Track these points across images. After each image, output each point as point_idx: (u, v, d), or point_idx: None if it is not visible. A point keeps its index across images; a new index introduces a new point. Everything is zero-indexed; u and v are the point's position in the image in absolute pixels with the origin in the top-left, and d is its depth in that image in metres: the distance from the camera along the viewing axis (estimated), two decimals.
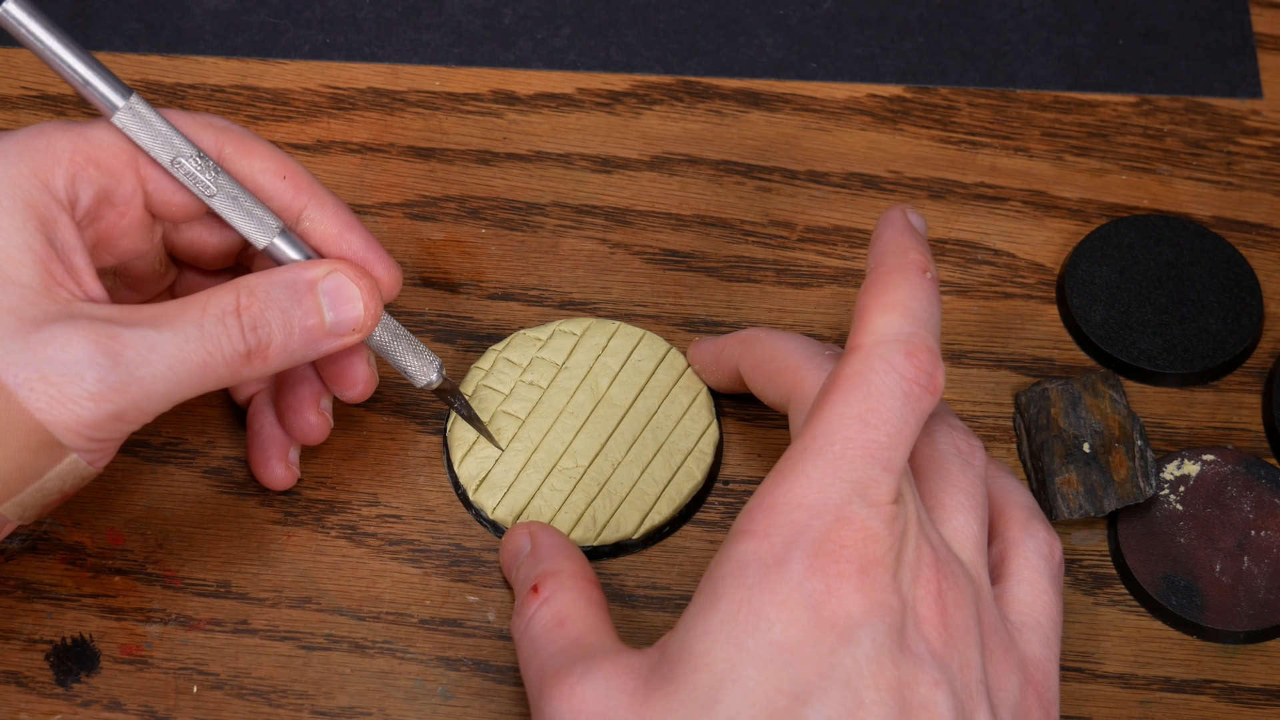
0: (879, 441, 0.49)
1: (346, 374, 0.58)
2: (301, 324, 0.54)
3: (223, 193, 0.55)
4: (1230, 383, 0.64)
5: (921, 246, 0.53)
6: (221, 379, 0.53)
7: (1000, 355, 0.64)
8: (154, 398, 0.51)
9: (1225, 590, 0.59)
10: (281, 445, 0.60)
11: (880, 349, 0.50)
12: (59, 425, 0.50)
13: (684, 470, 0.61)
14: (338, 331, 0.55)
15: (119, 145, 0.54)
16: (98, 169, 0.54)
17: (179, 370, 0.52)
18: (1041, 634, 0.53)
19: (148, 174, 0.55)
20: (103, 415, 0.51)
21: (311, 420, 0.59)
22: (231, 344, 0.52)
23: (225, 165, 0.56)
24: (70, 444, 0.51)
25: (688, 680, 0.48)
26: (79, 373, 0.50)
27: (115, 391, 0.51)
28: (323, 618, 0.59)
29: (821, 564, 0.48)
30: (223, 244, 0.58)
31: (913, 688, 0.48)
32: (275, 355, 0.54)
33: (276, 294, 0.54)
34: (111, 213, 0.55)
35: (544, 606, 0.53)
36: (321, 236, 0.56)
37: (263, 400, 0.61)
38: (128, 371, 0.51)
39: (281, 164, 0.56)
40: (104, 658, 0.58)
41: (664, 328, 0.65)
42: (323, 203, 0.56)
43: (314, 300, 0.54)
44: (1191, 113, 0.70)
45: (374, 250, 0.57)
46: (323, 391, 0.59)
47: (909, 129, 0.69)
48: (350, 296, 0.55)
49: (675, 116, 0.69)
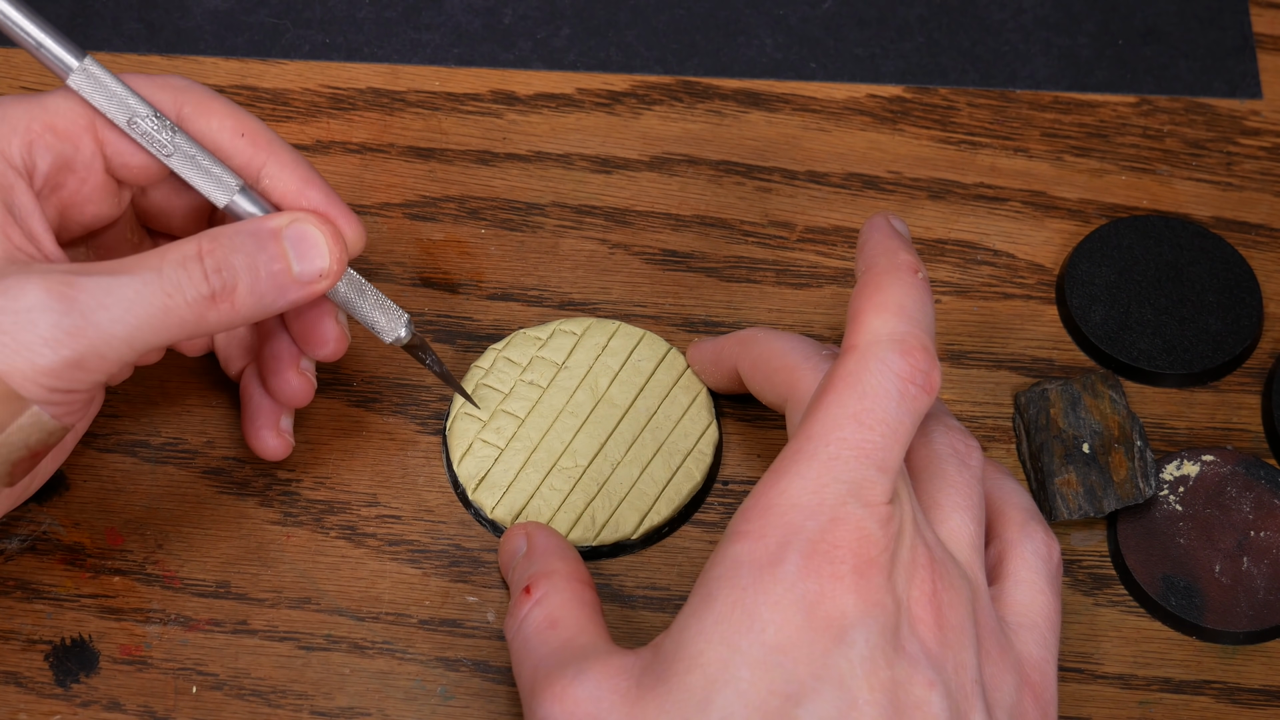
0: (874, 442, 0.49)
1: (316, 332, 0.58)
2: (268, 269, 0.54)
3: (180, 152, 0.55)
4: (1230, 383, 0.64)
5: (909, 248, 0.53)
6: (186, 324, 0.52)
7: (1000, 356, 0.64)
8: (113, 342, 0.51)
9: (1225, 591, 0.59)
10: (271, 413, 0.60)
11: (875, 349, 0.50)
12: (14, 374, 0.50)
13: (683, 470, 0.61)
14: (304, 279, 0.54)
15: (76, 111, 0.54)
16: (54, 135, 0.54)
17: (137, 313, 0.51)
18: (1039, 634, 0.53)
19: (105, 137, 0.55)
20: (59, 362, 0.50)
21: (293, 381, 0.59)
22: (194, 286, 0.52)
23: (184, 125, 0.55)
24: (29, 394, 0.50)
25: (681, 680, 0.48)
26: (32, 319, 0.50)
27: (70, 336, 0.50)
28: (322, 618, 0.59)
29: (816, 565, 0.48)
30: (190, 207, 0.58)
31: (907, 688, 0.48)
32: (243, 299, 0.53)
33: (240, 240, 0.53)
34: (72, 179, 0.55)
35: (536, 608, 0.53)
36: (282, 193, 0.56)
37: (251, 372, 0.61)
38: (83, 316, 0.50)
39: (240, 121, 0.56)
40: (103, 658, 0.58)
41: (664, 328, 0.65)
42: (282, 159, 0.56)
43: (279, 246, 0.54)
44: (1191, 113, 0.70)
45: (335, 205, 0.56)
46: (300, 352, 0.59)
47: (909, 129, 0.69)
48: (315, 243, 0.55)
49: (675, 117, 0.69)
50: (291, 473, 0.61)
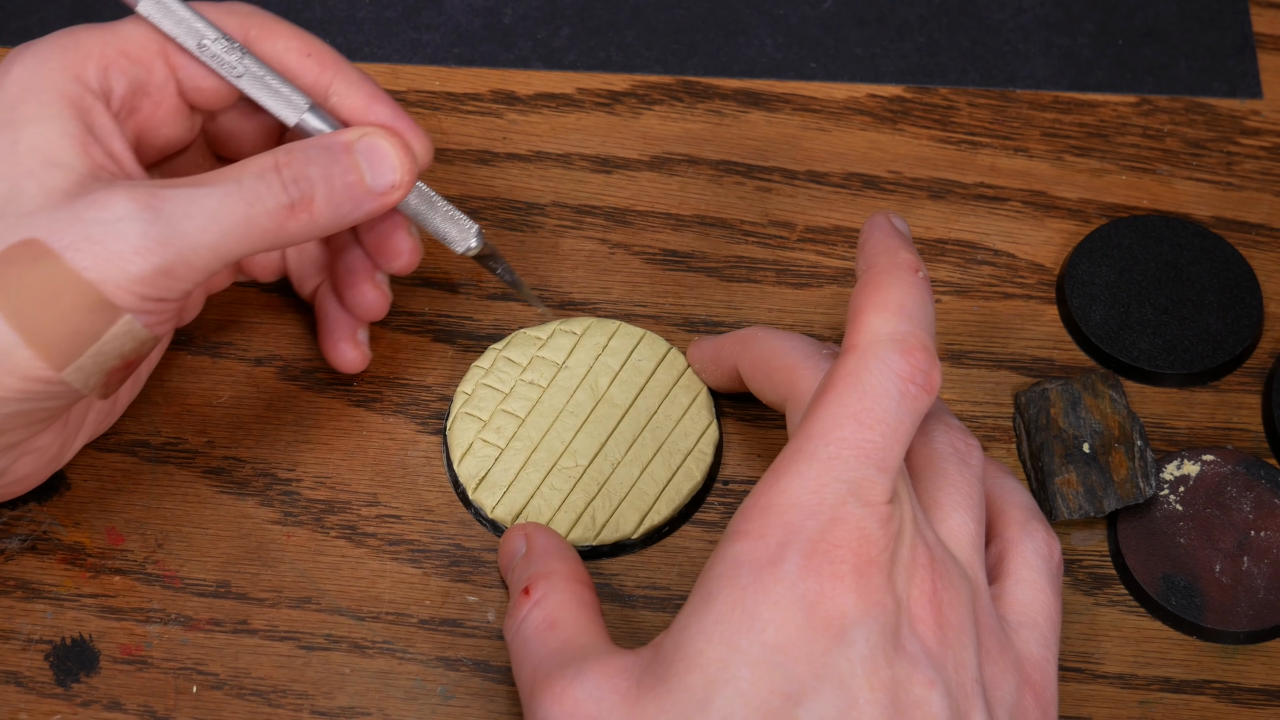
0: (874, 441, 0.49)
1: (390, 244, 0.59)
2: (342, 179, 0.55)
3: (249, 73, 0.56)
4: (1230, 383, 0.64)
5: (910, 247, 0.53)
6: (268, 233, 0.54)
7: (1000, 355, 0.64)
8: (200, 250, 0.52)
9: (1225, 590, 0.59)
10: (348, 326, 0.61)
11: (875, 348, 0.50)
12: (108, 283, 0.51)
13: (683, 470, 0.61)
14: (377, 189, 0.56)
15: (147, 37, 0.56)
16: (128, 60, 0.55)
17: (221, 223, 0.52)
18: (1039, 634, 0.53)
19: (177, 61, 0.56)
20: (150, 269, 0.51)
21: (369, 294, 0.60)
22: (273, 195, 0.53)
23: (251, 47, 0.57)
24: (122, 303, 0.52)
25: (681, 680, 0.48)
26: (121, 229, 0.51)
27: (159, 244, 0.51)
28: (322, 618, 0.59)
29: (816, 564, 0.48)
30: (259, 130, 0.60)
31: (907, 687, 0.48)
32: (321, 209, 0.54)
33: (315, 153, 0.55)
34: (147, 103, 0.56)
35: (535, 609, 0.53)
36: (350, 110, 0.57)
37: (325, 289, 0.62)
38: (169, 224, 0.52)
39: (305, 43, 0.57)
40: (103, 658, 0.58)
41: (664, 328, 0.65)
42: (348, 78, 0.57)
43: (352, 159, 0.55)
44: (1191, 113, 0.70)
45: (402, 119, 0.58)
46: (374, 266, 0.60)
47: (909, 129, 0.69)
48: (385, 155, 0.56)
49: (675, 116, 0.69)
50: (291, 472, 0.61)
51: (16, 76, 0.54)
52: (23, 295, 0.51)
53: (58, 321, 0.51)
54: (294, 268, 0.63)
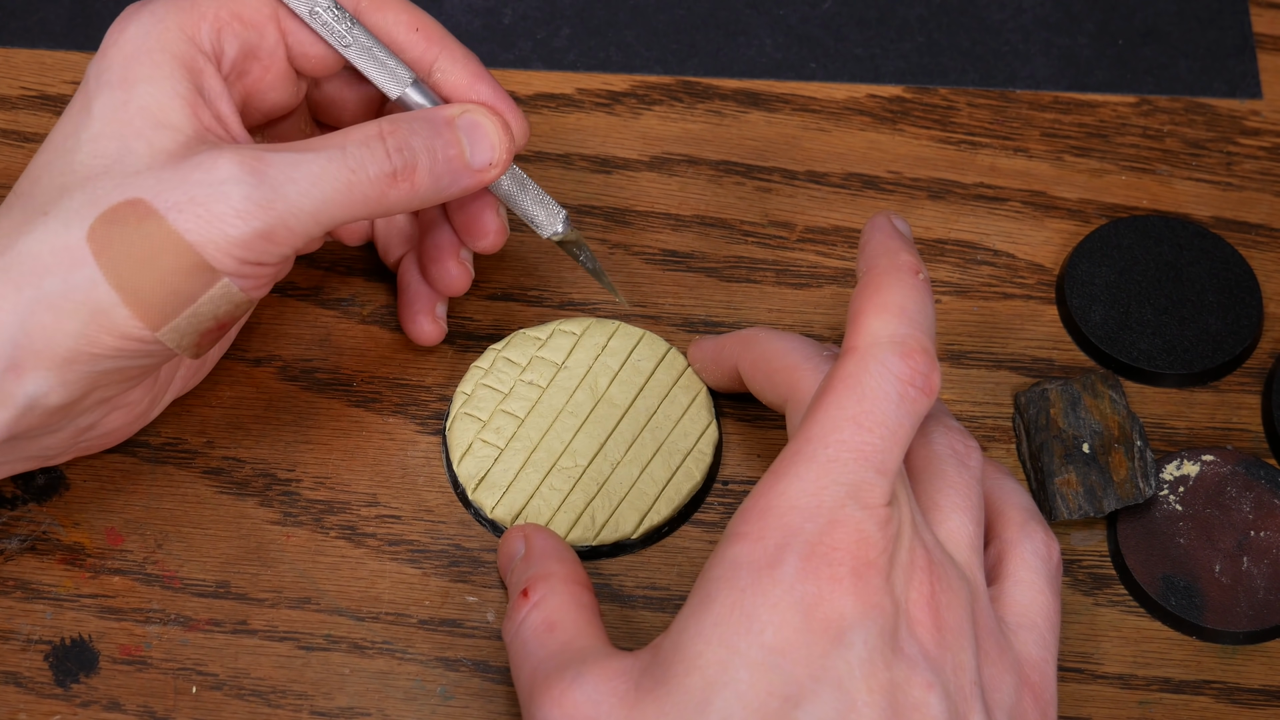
0: (873, 444, 0.49)
1: (478, 223, 0.60)
2: (444, 153, 0.56)
3: (357, 44, 0.57)
4: (1230, 383, 0.64)
5: (911, 249, 0.53)
6: (369, 201, 0.54)
7: (1000, 356, 0.64)
8: (301, 216, 0.53)
9: (1225, 591, 0.59)
10: (429, 299, 0.62)
11: (875, 351, 0.50)
12: (208, 245, 0.52)
13: (683, 470, 0.61)
14: (476, 165, 0.56)
15: (261, 1, 0.56)
16: (241, 24, 0.56)
17: (324, 188, 0.53)
18: (1038, 635, 0.53)
19: (288, 27, 0.57)
20: (250, 233, 0.52)
21: (453, 270, 0.61)
22: (376, 163, 0.54)
23: (361, 18, 0.58)
24: (220, 266, 0.52)
25: (679, 683, 0.48)
26: (225, 191, 0.52)
27: (261, 208, 0.52)
28: (322, 618, 0.59)
29: (814, 567, 0.48)
30: (362, 99, 0.61)
31: (905, 690, 0.48)
32: (422, 180, 0.55)
33: (419, 125, 0.56)
34: (256, 66, 0.57)
35: (534, 611, 0.54)
36: (452, 87, 0.58)
37: (410, 260, 0.63)
38: (272, 189, 0.52)
39: (414, 17, 0.58)
40: (103, 658, 0.58)
41: (663, 328, 0.65)
42: (453, 54, 0.58)
43: (453, 133, 0.56)
44: (1191, 113, 0.70)
45: (503, 99, 0.58)
46: (460, 243, 0.61)
47: (909, 129, 0.69)
48: (486, 132, 0.57)
49: (675, 117, 0.69)
50: (291, 473, 0.61)
51: (131, 35, 0.54)
52: (124, 255, 0.51)
53: (157, 282, 0.52)
54: (381, 236, 0.64)
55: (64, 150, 0.54)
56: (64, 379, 0.52)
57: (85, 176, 0.53)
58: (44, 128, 0.68)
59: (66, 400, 0.53)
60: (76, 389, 0.53)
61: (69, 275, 0.51)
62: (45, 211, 0.52)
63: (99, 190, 0.52)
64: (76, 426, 0.55)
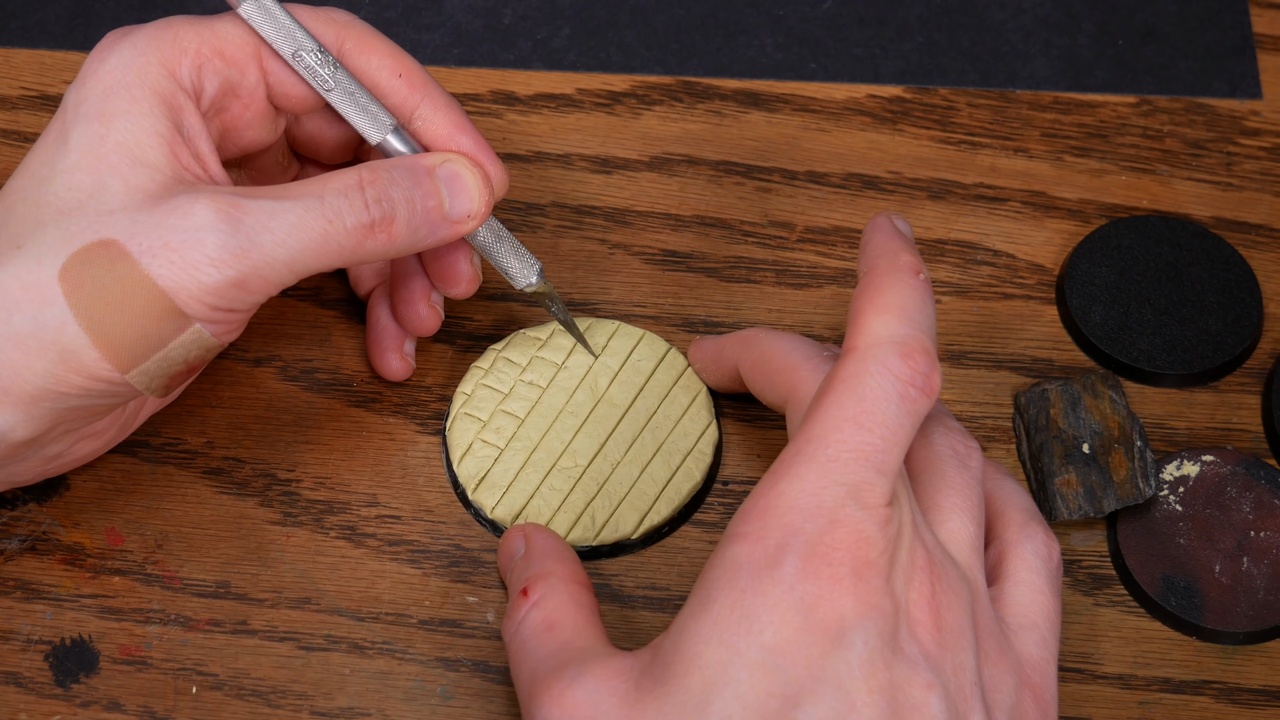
0: (873, 444, 0.49)
1: (452, 270, 0.60)
2: (423, 204, 0.55)
3: (340, 88, 0.56)
4: (1230, 383, 0.64)
5: (912, 249, 0.53)
6: (344, 251, 0.54)
7: (1000, 356, 0.64)
8: (275, 265, 0.52)
9: (1225, 591, 0.59)
10: (397, 338, 0.62)
11: (875, 351, 0.50)
12: (181, 291, 0.52)
13: (683, 470, 0.61)
14: (454, 217, 0.56)
15: (243, 38, 0.56)
16: (223, 60, 0.55)
17: (300, 238, 0.53)
18: (1038, 635, 0.53)
19: (269, 66, 0.56)
20: (224, 281, 0.52)
21: (423, 312, 0.61)
22: (354, 214, 0.54)
23: (344, 60, 0.57)
24: (192, 312, 0.52)
25: (679, 683, 0.48)
26: (200, 238, 0.51)
27: (235, 257, 0.52)
28: (322, 618, 0.59)
29: (814, 567, 0.48)
30: (341, 137, 0.60)
31: (905, 690, 0.48)
32: (400, 231, 0.55)
33: (398, 175, 0.55)
34: (236, 104, 0.57)
35: (533, 610, 0.53)
36: (434, 135, 0.58)
37: (380, 295, 0.63)
38: (248, 237, 0.52)
39: (398, 61, 0.58)
40: (103, 658, 0.58)
41: (663, 328, 0.65)
42: (436, 102, 0.58)
43: (433, 184, 0.56)
44: (1191, 113, 0.70)
45: (483, 150, 0.58)
46: (432, 286, 0.61)
47: (909, 129, 0.69)
48: (465, 184, 0.57)
49: (675, 117, 0.69)
50: (291, 473, 0.61)
51: (112, 66, 0.54)
52: (95, 296, 0.51)
53: (128, 325, 0.52)
54: (353, 269, 0.64)
55: (39, 179, 0.53)
56: (30, 415, 0.52)
57: (60, 210, 0.52)
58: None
59: (32, 435, 0.53)
60: (43, 424, 0.53)
61: (39, 313, 0.51)
62: (18, 245, 0.52)
63: (73, 227, 0.52)
64: (43, 455, 0.55)
